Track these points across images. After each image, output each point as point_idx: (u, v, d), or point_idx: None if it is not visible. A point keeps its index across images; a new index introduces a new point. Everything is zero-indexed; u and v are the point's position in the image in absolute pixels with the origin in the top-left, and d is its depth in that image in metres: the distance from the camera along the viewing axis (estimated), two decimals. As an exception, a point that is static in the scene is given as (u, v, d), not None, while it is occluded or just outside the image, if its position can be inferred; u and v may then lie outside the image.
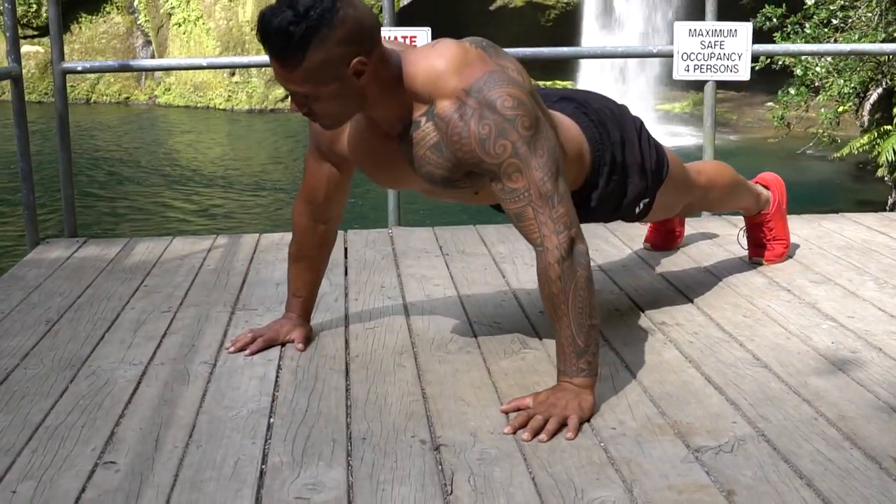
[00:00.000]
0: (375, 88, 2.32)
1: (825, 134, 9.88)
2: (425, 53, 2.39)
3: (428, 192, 2.67)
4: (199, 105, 18.67)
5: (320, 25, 2.18)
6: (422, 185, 2.59)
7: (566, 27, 17.76)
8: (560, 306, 2.34)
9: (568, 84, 18.38)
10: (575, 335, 2.34)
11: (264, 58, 4.40)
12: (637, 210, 2.91)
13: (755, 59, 4.37)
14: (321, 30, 2.18)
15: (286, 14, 2.17)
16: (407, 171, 2.50)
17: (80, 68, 4.46)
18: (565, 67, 18.24)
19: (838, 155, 10.24)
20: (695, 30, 4.28)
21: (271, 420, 2.35)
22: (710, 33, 4.27)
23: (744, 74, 4.30)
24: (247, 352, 2.78)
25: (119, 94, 19.34)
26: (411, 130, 2.41)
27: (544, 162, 2.32)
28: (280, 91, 17.86)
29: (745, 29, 4.28)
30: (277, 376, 2.62)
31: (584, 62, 17.83)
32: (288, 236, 3.70)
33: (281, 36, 2.17)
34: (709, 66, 4.30)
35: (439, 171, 2.43)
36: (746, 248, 3.64)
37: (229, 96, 18.39)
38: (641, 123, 2.92)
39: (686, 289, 3.32)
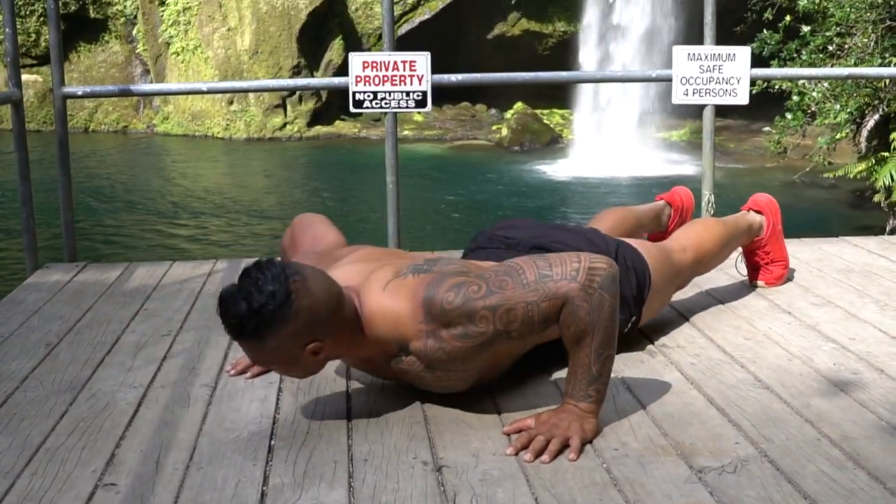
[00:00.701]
0: (341, 348, 2.39)
1: (822, 160, 9.90)
2: (376, 299, 2.38)
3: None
4: (197, 134, 18.70)
5: (272, 322, 2.23)
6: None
7: (563, 56, 17.82)
8: (585, 338, 2.29)
9: (566, 111, 18.45)
10: (592, 362, 2.31)
11: (263, 82, 4.44)
12: (626, 330, 2.85)
13: (753, 82, 4.37)
14: (273, 325, 2.24)
15: (241, 307, 2.22)
16: (408, 377, 2.51)
17: (80, 93, 4.47)
18: (563, 96, 18.31)
19: (831, 175, 10.26)
20: (694, 54, 4.30)
21: (272, 442, 2.34)
22: (708, 57, 4.29)
23: (743, 98, 4.32)
24: (247, 375, 2.78)
25: (117, 123, 19.37)
26: (394, 363, 2.44)
27: (511, 282, 2.29)
28: (278, 120, 17.92)
29: (744, 53, 4.30)
30: (278, 399, 2.61)
31: (581, 92, 17.87)
32: (288, 260, 3.70)
33: (235, 325, 2.25)
34: (708, 91, 4.32)
35: (456, 380, 2.45)
36: (745, 273, 3.64)
37: (227, 125, 18.42)
38: (617, 246, 2.92)
39: (687, 311, 3.32)
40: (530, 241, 2.90)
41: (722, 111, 4.46)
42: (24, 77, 16.39)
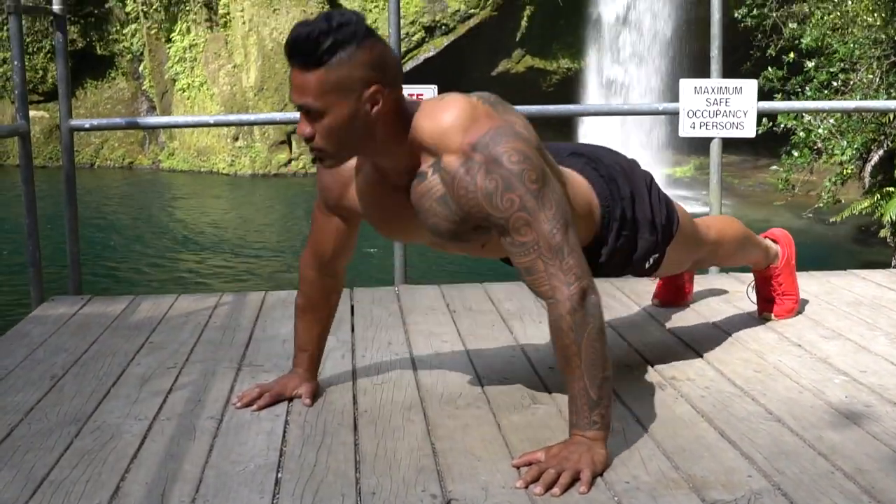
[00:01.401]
0: (383, 129, 2.32)
1: (829, 197, 9.90)
2: (433, 106, 2.39)
3: (435, 245, 2.66)
4: (202, 169, 18.77)
5: (350, 41, 2.21)
6: (428, 238, 2.58)
7: (567, 93, 17.90)
8: (573, 358, 2.31)
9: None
10: (588, 387, 2.31)
11: (270, 115, 4.44)
12: (647, 265, 2.89)
13: (759, 120, 4.37)
14: (349, 46, 2.21)
15: (320, 24, 2.21)
16: (414, 222, 2.49)
17: (87, 126, 4.47)
18: (568, 132, 18.35)
19: (836, 219, 10.26)
20: (700, 87, 4.30)
21: (279, 475, 2.31)
22: (715, 90, 4.29)
23: (749, 131, 4.31)
24: (254, 407, 2.75)
25: (123, 159, 19.45)
26: (417, 182, 2.40)
27: (552, 214, 2.31)
28: (283, 156, 17.95)
29: (751, 86, 4.30)
30: (285, 431, 2.59)
31: (586, 128, 17.93)
32: (294, 294, 3.69)
33: (310, 41, 2.20)
34: (715, 124, 4.31)
35: (445, 224, 2.42)
36: (756, 302, 3.62)
37: (232, 161, 18.48)
38: (651, 178, 2.92)
39: (696, 344, 3.30)
40: (568, 149, 2.87)
41: (725, 148, 4.45)
42: (31, 113, 16.48)
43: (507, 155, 2.29)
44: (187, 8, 18.81)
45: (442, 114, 2.36)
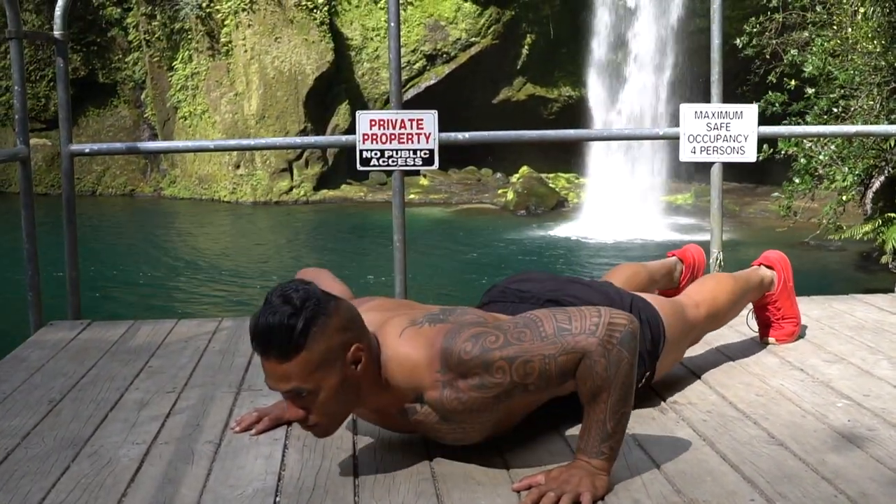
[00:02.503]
0: (367, 380, 2.33)
1: (831, 223, 9.89)
2: (394, 352, 2.36)
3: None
4: (203, 197, 18.79)
5: (318, 315, 2.22)
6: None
7: (568, 121, 17.92)
8: (601, 394, 2.26)
9: (572, 175, 18.52)
10: (607, 419, 2.27)
11: (272, 140, 4.44)
12: (640, 385, 2.82)
13: (759, 147, 4.37)
14: (320, 318, 2.22)
15: (284, 309, 2.19)
16: (422, 428, 2.48)
17: (87, 150, 4.47)
18: (569, 160, 18.38)
19: (836, 237, 10.24)
20: (701, 112, 4.30)
21: (277, 499, 2.29)
22: (716, 115, 4.29)
23: (750, 156, 4.30)
24: (252, 431, 2.74)
25: (125, 187, 19.47)
26: (409, 415, 2.41)
27: (529, 335, 2.27)
28: (285, 183, 17.98)
29: (752, 111, 4.30)
30: (283, 455, 2.57)
31: (591, 155, 17.96)
32: (294, 317, 3.67)
33: (283, 330, 2.18)
34: (715, 148, 4.31)
35: (471, 432, 2.42)
36: (756, 329, 3.60)
37: (234, 188, 18.51)
38: (631, 300, 2.91)
39: (697, 369, 3.28)
40: (544, 294, 2.87)
41: (725, 175, 4.44)
42: (33, 141, 16.51)
43: (463, 352, 2.28)
44: (189, 36, 18.88)
45: (406, 360, 2.34)
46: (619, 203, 16.18)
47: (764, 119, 4.39)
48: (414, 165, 4.29)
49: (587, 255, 13.53)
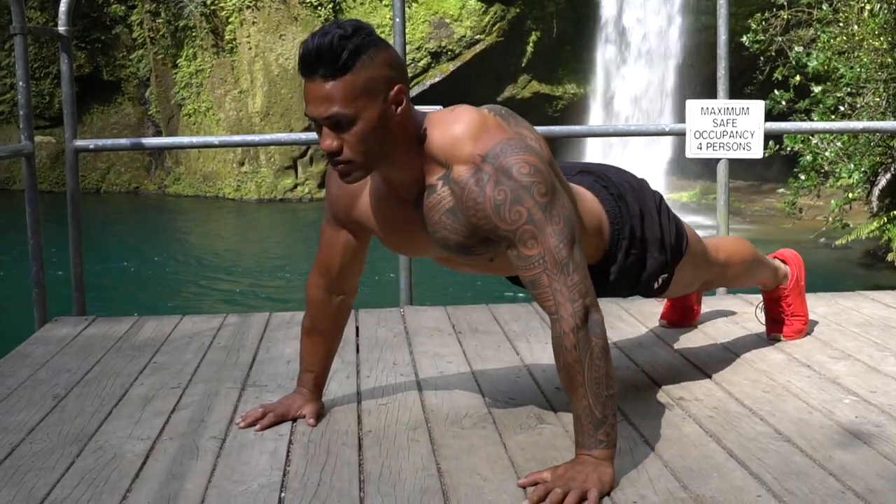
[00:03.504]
0: (401, 136, 2.31)
1: (837, 221, 9.87)
2: (443, 117, 2.37)
3: (443, 261, 2.64)
4: (208, 195, 18.80)
5: (369, 44, 2.22)
6: (437, 252, 2.57)
7: (574, 118, 17.92)
8: (576, 376, 2.28)
9: (576, 173, 18.48)
10: (592, 406, 2.28)
11: (276, 136, 4.43)
12: (656, 285, 2.87)
13: (766, 143, 4.35)
14: (370, 48, 2.21)
15: (337, 31, 2.20)
16: (423, 236, 2.47)
17: (92, 146, 4.47)
18: (575, 156, 18.37)
19: (841, 242, 10.23)
20: (707, 108, 4.29)
21: (282, 495, 2.28)
22: (722, 111, 4.28)
23: (757, 152, 4.29)
24: (257, 427, 2.73)
25: (129, 184, 19.49)
26: (427, 195, 2.39)
27: (560, 229, 2.29)
28: (289, 181, 17.98)
29: (758, 107, 4.28)
30: (289, 451, 2.56)
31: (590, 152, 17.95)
32: (299, 315, 3.67)
33: (333, 48, 2.18)
34: (722, 145, 4.29)
35: (454, 237, 2.40)
36: (764, 323, 3.59)
37: (238, 186, 18.51)
38: (661, 198, 2.90)
39: (703, 365, 3.27)
40: (576, 167, 2.86)
41: (731, 172, 4.42)
42: (38, 138, 16.54)
43: (518, 167, 2.27)
44: (193, 34, 18.88)
45: (452, 124, 2.35)
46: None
47: (770, 118, 4.37)
48: (419, 161, 4.27)
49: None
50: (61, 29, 4.26)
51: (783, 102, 9.05)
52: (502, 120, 2.40)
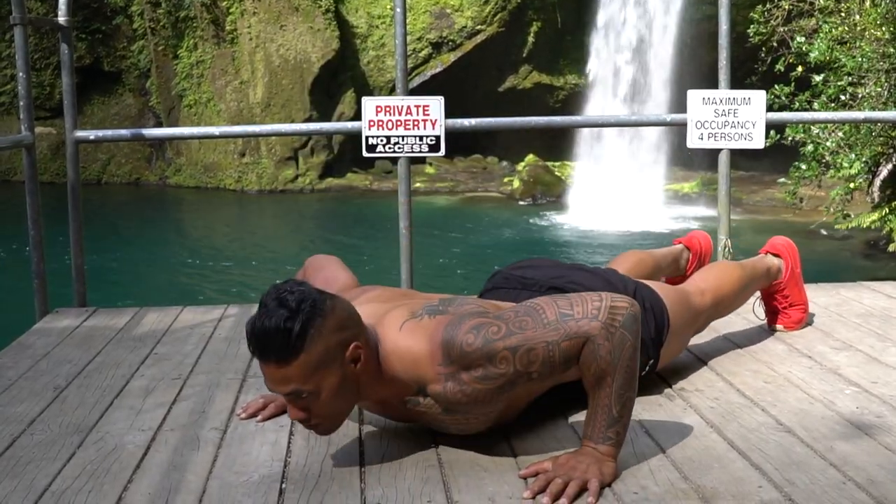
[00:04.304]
0: (367, 376, 2.32)
1: (838, 211, 9.86)
2: (395, 345, 2.34)
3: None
4: (209, 186, 18.78)
5: (315, 316, 2.20)
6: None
7: (574, 109, 17.89)
8: (606, 378, 2.25)
9: (574, 164, 18.48)
10: (612, 403, 2.27)
11: (277, 126, 4.43)
12: (643, 373, 2.80)
13: (767, 133, 4.34)
14: (316, 320, 2.20)
15: (280, 313, 2.17)
16: (426, 419, 2.47)
17: (92, 137, 4.46)
18: (575, 148, 18.34)
19: (843, 226, 10.21)
20: (709, 98, 4.28)
21: (283, 485, 2.29)
22: (723, 101, 4.26)
23: (758, 143, 4.28)
24: (258, 418, 2.73)
25: (130, 175, 19.47)
26: (410, 405, 2.40)
27: (531, 323, 2.26)
28: (290, 172, 17.97)
29: (759, 97, 4.27)
30: (289, 442, 2.56)
31: (590, 144, 17.93)
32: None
33: (280, 334, 2.16)
34: (723, 135, 4.28)
35: (475, 422, 2.41)
36: (763, 317, 3.59)
37: (239, 177, 18.49)
38: (635, 287, 2.89)
39: (705, 356, 3.27)
40: (547, 281, 2.86)
41: (732, 162, 4.41)
42: (38, 129, 16.52)
43: (466, 343, 2.26)
44: (194, 24, 18.85)
45: (407, 353, 2.32)
46: (623, 191, 16.13)
47: (771, 111, 4.36)
48: (420, 152, 4.27)
49: (592, 242, 13.52)
50: (61, 19, 4.25)
51: (783, 97, 9.02)
52: (433, 316, 2.37)
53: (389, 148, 4.24)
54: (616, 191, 16.26)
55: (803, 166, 9.37)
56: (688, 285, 3.15)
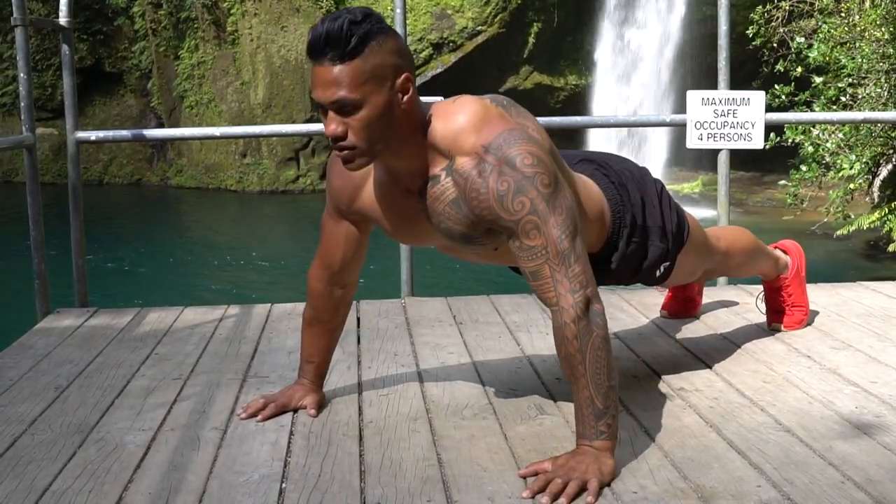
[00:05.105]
0: (406, 126, 2.31)
1: (838, 212, 9.86)
2: (446, 108, 2.38)
3: (447, 249, 2.65)
4: (210, 186, 18.79)
5: (379, 31, 2.23)
6: (441, 242, 2.57)
7: (575, 109, 17.90)
8: (577, 367, 2.29)
9: (577, 164, 18.49)
10: (593, 396, 2.29)
11: (278, 127, 4.43)
12: (658, 273, 2.87)
13: (767, 134, 4.35)
14: (379, 35, 2.22)
15: (346, 16, 2.20)
16: (426, 226, 2.48)
17: (93, 138, 4.46)
18: (576, 148, 18.35)
19: (842, 232, 10.22)
20: (708, 98, 4.28)
21: (283, 485, 2.29)
22: (723, 102, 4.27)
23: (758, 143, 4.29)
24: (258, 418, 2.73)
25: (131, 176, 19.49)
26: (430, 185, 2.39)
27: (562, 220, 2.29)
28: (291, 172, 17.98)
29: (759, 97, 4.28)
30: (290, 442, 2.57)
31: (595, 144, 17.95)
32: (300, 306, 3.67)
33: (342, 33, 2.18)
34: (722, 135, 4.29)
35: (458, 227, 2.40)
36: (765, 313, 3.59)
37: (240, 178, 18.51)
38: (662, 186, 2.90)
39: (704, 355, 3.27)
40: (578, 155, 2.87)
41: (732, 163, 4.41)
42: (39, 131, 16.54)
43: (521, 157, 2.28)
44: (195, 25, 18.87)
45: (455, 115, 2.35)
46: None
47: (771, 111, 4.37)
48: (420, 153, 4.26)
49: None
50: (62, 20, 4.26)
51: (783, 97, 9.02)
52: (504, 110, 2.40)
53: (390, 148, 4.23)
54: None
55: (803, 167, 9.38)
56: (707, 230, 3.16)
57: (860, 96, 8.92)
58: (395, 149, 2.35)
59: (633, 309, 3.93)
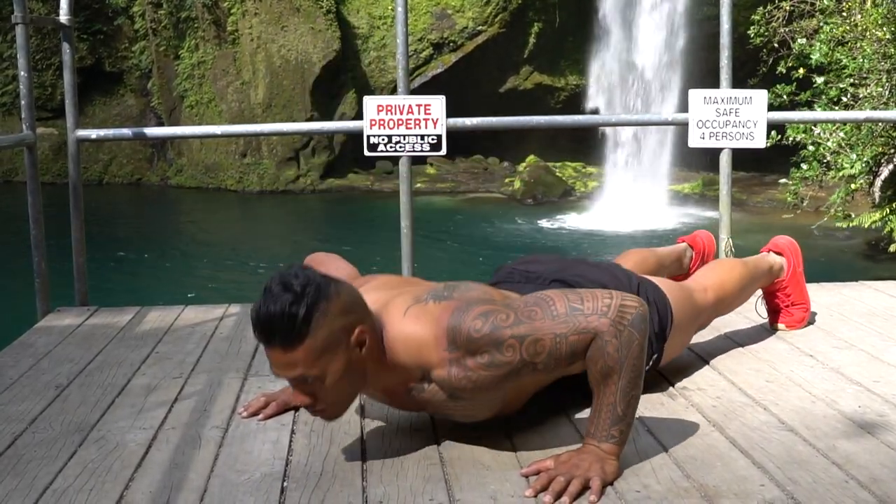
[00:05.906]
0: (372, 361, 2.31)
1: (839, 211, 9.85)
2: (399, 330, 2.34)
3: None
4: (210, 186, 18.78)
5: (319, 300, 2.18)
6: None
7: (575, 109, 17.90)
8: (612, 376, 2.25)
9: (579, 164, 18.48)
10: (617, 401, 2.26)
11: (278, 126, 4.43)
12: (647, 368, 2.80)
13: (768, 133, 4.34)
14: (321, 304, 2.18)
15: (285, 297, 2.16)
16: (419, 405, 2.47)
17: (94, 136, 4.46)
18: (576, 148, 18.34)
19: (844, 224, 10.20)
20: (710, 97, 4.27)
21: (285, 484, 2.28)
22: (725, 101, 4.26)
23: (760, 142, 4.28)
24: (260, 416, 2.73)
25: (131, 176, 19.48)
26: (416, 392, 2.39)
27: (540, 314, 2.26)
28: (291, 172, 17.97)
29: (761, 96, 4.27)
30: (291, 440, 2.56)
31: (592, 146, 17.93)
32: (301, 303, 3.65)
33: (285, 318, 2.15)
34: (724, 134, 4.28)
35: (480, 408, 2.41)
36: (765, 316, 3.58)
37: (241, 177, 18.50)
38: (638, 282, 2.89)
39: (707, 355, 3.26)
40: (551, 274, 2.86)
41: (732, 163, 4.39)
42: (39, 130, 16.52)
43: (473, 329, 2.26)
44: (195, 25, 18.86)
45: (412, 339, 2.32)
46: (627, 192, 16.15)
47: (772, 110, 4.35)
48: (422, 151, 4.27)
49: (595, 243, 13.51)
50: (63, 18, 4.25)
51: (785, 96, 9.02)
52: (439, 301, 2.37)
53: (391, 147, 4.24)
54: (619, 191, 16.26)
55: (804, 167, 9.37)
56: (690, 282, 3.15)
57: (861, 96, 8.91)
58: (368, 382, 2.36)
59: (634, 308, 3.92)
